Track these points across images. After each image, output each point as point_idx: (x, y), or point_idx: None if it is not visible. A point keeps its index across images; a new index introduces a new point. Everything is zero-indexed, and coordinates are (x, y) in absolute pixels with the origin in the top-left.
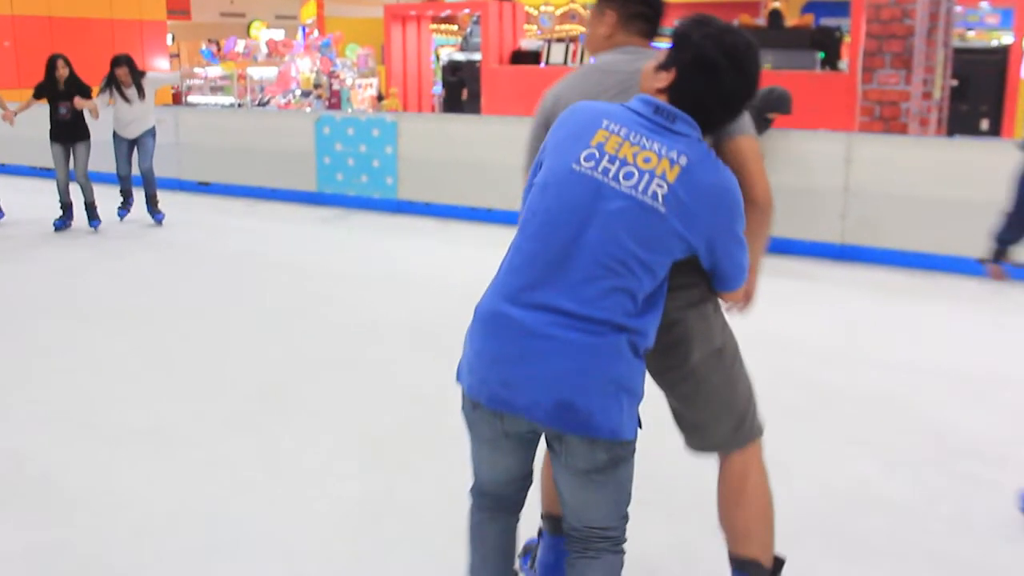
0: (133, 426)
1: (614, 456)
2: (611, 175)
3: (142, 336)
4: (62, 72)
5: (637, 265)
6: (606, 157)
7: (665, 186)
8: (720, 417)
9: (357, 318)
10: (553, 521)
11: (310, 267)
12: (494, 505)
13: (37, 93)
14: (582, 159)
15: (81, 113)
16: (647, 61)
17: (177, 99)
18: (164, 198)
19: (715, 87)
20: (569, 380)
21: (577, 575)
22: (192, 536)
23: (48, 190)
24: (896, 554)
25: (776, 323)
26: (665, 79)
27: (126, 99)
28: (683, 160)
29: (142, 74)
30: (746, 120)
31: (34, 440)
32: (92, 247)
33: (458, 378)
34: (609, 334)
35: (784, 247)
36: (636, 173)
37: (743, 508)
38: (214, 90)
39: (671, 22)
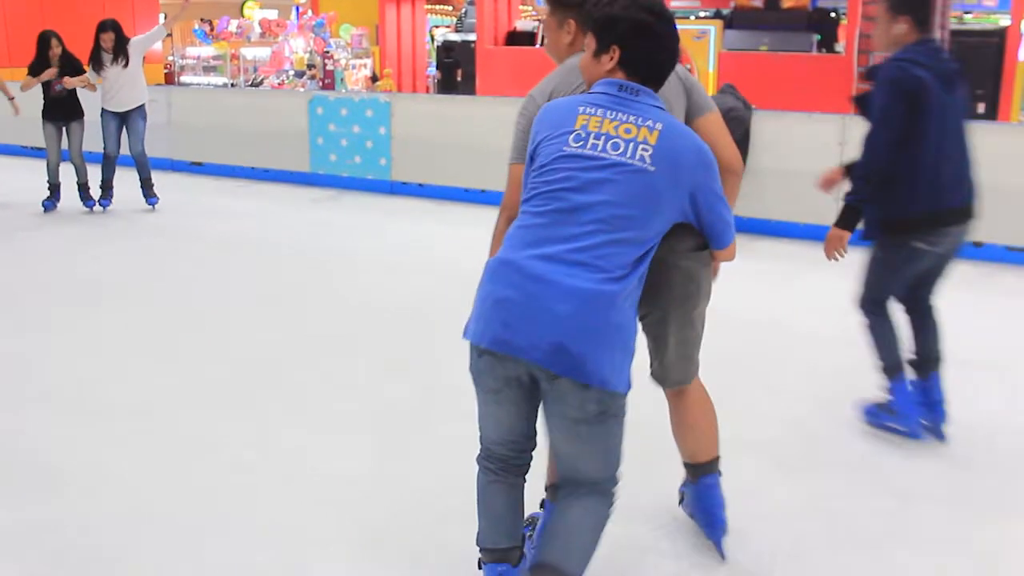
0: (126, 405)
1: (604, 408)
2: (599, 149)
3: (134, 316)
4: (55, 51)
5: (631, 223)
6: (591, 135)
7: (649, 148)
8: (692, 357)
9: (351, 298)
10: (556, 491)
11: (303, 248)
12: (501, 467)
13: (32, 71)
14: (571, 141)
15: (75, 90)
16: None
17: (170, 79)
18: (156, 178)
19: (658, 43)
20: (567, 324)
21: (559, 513)
22: (184, 516)
23: (42, 170)
24: (888, 536)
25: (773, 306)
26: (610, 60)
27: (106, 66)
28: (659, 126)
29: (127, 40)
30: (707, 96)
31: (27, 419)
32: (85, 228)
33: (464, 334)
34: (606, 284)
35: (779, 230)
36: (621, 144)
37: (708, 421)
38: (207, 70)
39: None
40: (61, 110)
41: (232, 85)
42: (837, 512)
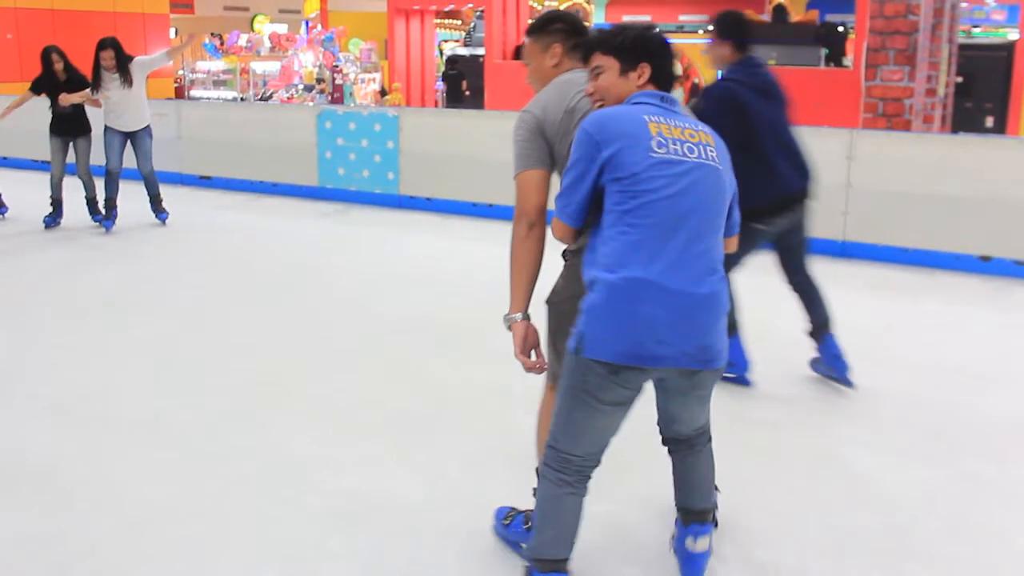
0: (131, 418)
1: (720, 374)
2: (680, 153)
3: (141, 330)
4: (58, 66)
5: (720, 218)
6: (670, 140)
7: (712, 148)
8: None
9: (359, 311)
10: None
11: (310, 262)
12: (578, 478)
13: (35, 87)
14: (655, 147)
15: (82, 106)
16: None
17: (180, 93)
18: (165, 192)
19: (672, 59)
20: (709, 328)
21: (690, 466)
22: (188, 528)
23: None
24: (892, 553)
25: (777, 320)
26: (638, 77)
27: (110, 86)
28: (705, 128)
29: (129, 59)
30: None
31: (34, 432)
32: (92, 242)
33: (586, 352)
34: (720, 281)
35: None
36: (693, 146)
37: (537, 426)
38: (217, 84)
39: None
40: (68, 125)
41: (242, 99)
42: (840, 527)
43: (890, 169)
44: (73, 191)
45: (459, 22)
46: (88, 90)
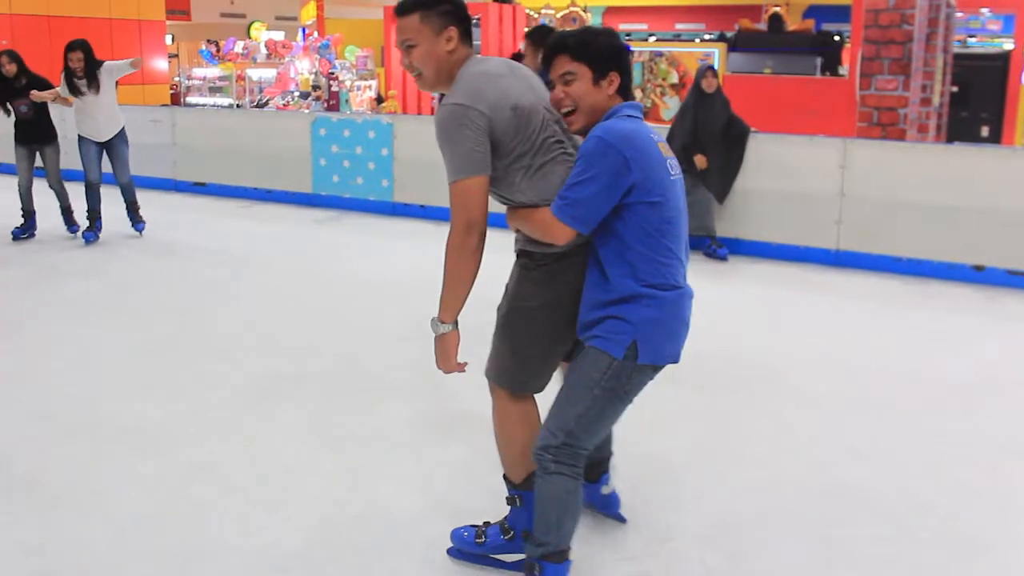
0: (118, 426)
1: None
2: (675, 170)
3: (131, 336)
4: (8, 68)
5: None
6: (668, 159)
7: (674, 159)
8: (501, 351)
9: (351, 319)
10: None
11: (304, 268)
12: (580, 470)
13: None
14: (669, 169)
15: (45, 110)
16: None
17: (176, 99)
18: (159, 199)
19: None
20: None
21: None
22: (173, 538)
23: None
24: (882, 563)
25: (770, 330)
26: (609, 85)
27: (79, 91)
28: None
29: (99, 63)
30: None
31: (19, 439)
32: (80, 247)
33: (642, 359)
34: None
35: (779, 253)
36: (672, 161)
37: (504, 439)
38: (213, 91)
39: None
40: (32, 133)
41: (238, 106)
42: (831, 537)
43: (884, 178)
44: (46, 198)
45: None
46: (58, 89)
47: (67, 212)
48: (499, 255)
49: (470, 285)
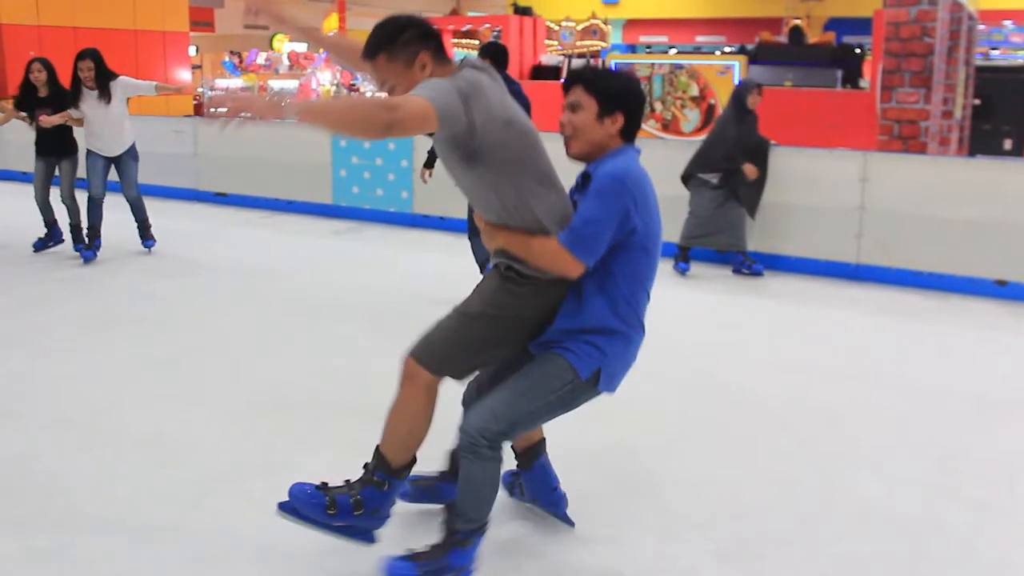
0: (135, 435)
1: None
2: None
3: (149, 345)
4: (38, 76)
5: None
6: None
7: None
8: (433, 338)
9: (367, 330)
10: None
11: (322, 279)
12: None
13: (17, 103)
14: (659, 217)
15: (66, 124)
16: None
17: (199, 110)
18: (181, 208)
19: (643, 115)
20: None
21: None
22: (193, 547)
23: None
24: None
25: (789, 343)
26: (613, 124)
27: (86, 99)
28: None
29: (112, 76)
30: None
31: (39, 448)
32: (102, 253)
33: (601, 386)
34: None
35: (798, 266)
36: None
37: (397, 418)
38: None
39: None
40: (52, 145)
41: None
42: (846, 554)
43: (905, 191)
44: (61, 211)
45: (476, 42)
46: (69, 111)
47: (76, 229)
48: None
49: (345, 128)
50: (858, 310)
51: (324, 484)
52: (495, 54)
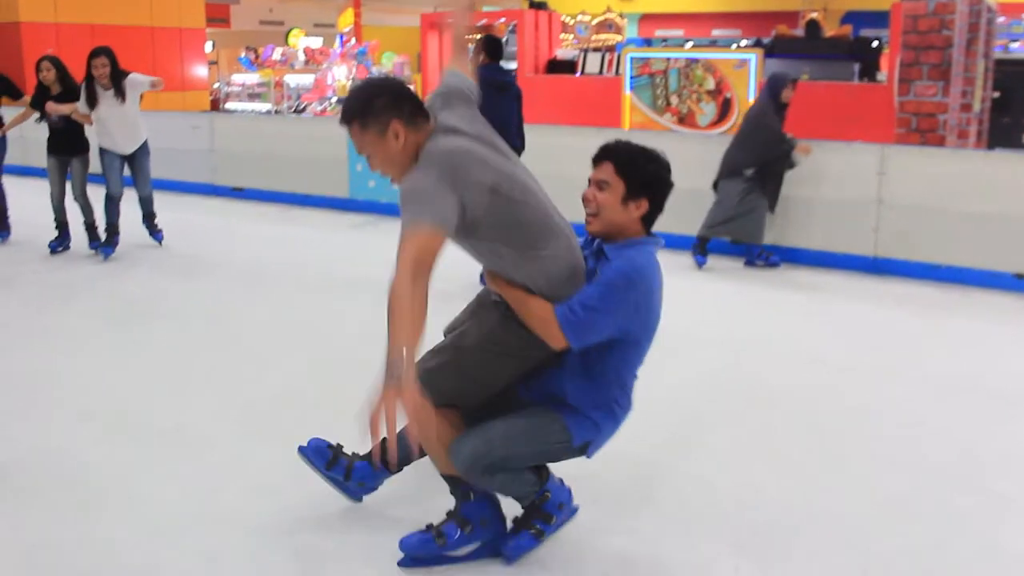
0: (157, 427)
1: None
2: None
3: (168, 339)
4: (47, 75)
5: None
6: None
7: None
8: (431, 366)
9: (383, 323)
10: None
11: (340, 273)
12: None
13: (33, 102)
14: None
15: (78, 121)
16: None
17: (215, 106)
18: (198, 203)
19: (667, 198)
20: None
21: None
22: (213, 539)
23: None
24: (920, 574)
25: (808, 336)
26: (636, 209)
27: (100, 97)
28: None
29: (125, 74)
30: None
31: (60, 439)
32: (118, 249)
33: (589, 454)
34: None
35: (816, 259)
36: None
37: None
38: (252, 97)
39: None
40: (63, 144)
41: (276, 112)
42: (865, 548)
43: (923, 185)
44: (74, 209)
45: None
46: (77, 104)
47: (90, 227)
48: None
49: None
50: (876, 303)
51: (428, 525)
52: (490, 48)
